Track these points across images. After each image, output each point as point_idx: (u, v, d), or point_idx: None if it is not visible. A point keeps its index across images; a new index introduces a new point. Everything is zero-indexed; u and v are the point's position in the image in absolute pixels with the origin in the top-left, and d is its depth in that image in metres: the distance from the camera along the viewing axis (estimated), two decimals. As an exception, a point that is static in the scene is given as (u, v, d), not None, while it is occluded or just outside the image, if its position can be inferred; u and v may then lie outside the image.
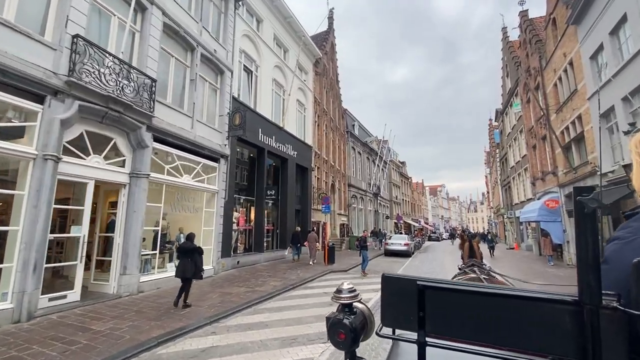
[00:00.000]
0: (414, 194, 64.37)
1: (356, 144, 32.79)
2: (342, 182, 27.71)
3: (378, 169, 39.63)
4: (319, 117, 22.35)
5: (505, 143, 28.60)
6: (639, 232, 0.77)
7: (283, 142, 16.15)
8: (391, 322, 0.90)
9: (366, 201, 34.39)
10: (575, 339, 0.67)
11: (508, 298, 0.75)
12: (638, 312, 0.62)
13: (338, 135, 27.50)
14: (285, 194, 16.34)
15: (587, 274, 0.65)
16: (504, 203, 32.62)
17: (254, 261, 13.18)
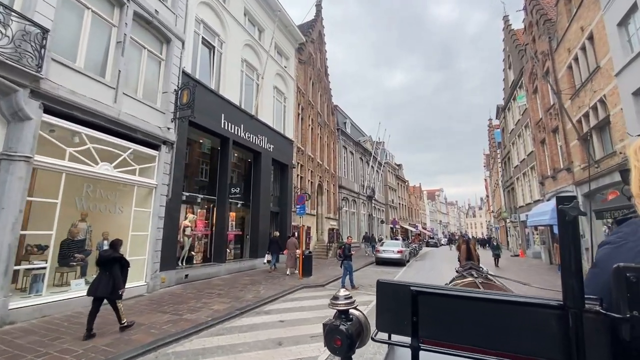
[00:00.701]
0: (411, 198, 62.15)
1: (348, 142, 30.63)
2: (332, 183, 25.45)
3: (372, 170, 37.44)
4: (304, 109, 20.17)
5: (507, 141, 26.49)
6: (628, 237, 0.79)
7: (255, 133, 13.90)
8: (386, 327, 0.91)
9: (359, 204, 32.11)
10: (561, 342, 0.69)
11: (497, 303, 0.77)
12: (619, 315, 0.63)
13: (327, 132, 25.31)
14: (258, 194, 14.03)
15: (570, 278, 0.67)
16: (507, 206, 30.41)
17: (210, 274, 10.80)
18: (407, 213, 57.87)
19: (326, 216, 23.81)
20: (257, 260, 13.49)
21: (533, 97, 18.74)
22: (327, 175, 24.44)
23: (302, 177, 19.26)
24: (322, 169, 23.26)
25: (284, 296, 8.76)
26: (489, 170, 54.47)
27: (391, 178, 50.36)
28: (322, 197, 23.12)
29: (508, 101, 24.92)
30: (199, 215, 11.67)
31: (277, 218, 16.45)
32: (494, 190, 45.88)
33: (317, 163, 22.10)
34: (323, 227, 22.72)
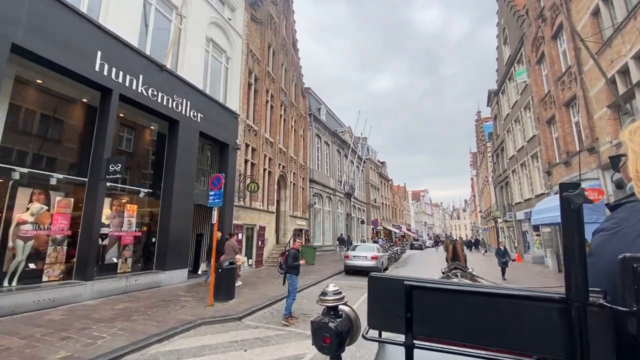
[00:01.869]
0: (395, 197, 58.96)
1: (323, 132, 26.84)
2: (301, 176, 21.54)
3: (352, 165, 33.75)
4: (259, 80, 16.18)
5: (501, 130, 23.30)
6: (623, 223, 0.77)
7: (169, 93, 9.83)
8: (378, 325, 0.87)
9: (335, 202, 28.32)
10: (563, 337, 0.66)
11: (496, 297, 0.73)
12: (624, 309, 0.61)
13: (295, 115, 21.40)
14: (172, 179, 9.93)
15: (574, 271, 0.64)
16: (499, 204, 27.26)
17: (55, 301, 6.61)
18: (391, 214, 54.59)
19: (292, 214, 19.86)
20: (165, 275, 9.35)
21: (537, 68, 15.41)
22: (293, 166, 20.49)
23: (254, 163, 15.24)
24: (286, 157, 19.31)
25: (150, 345, 4.75)
26: (476, 169, 51.90)
27: (373, 175, 46.90)
28: (285, 191, 19.15)
29: (503, 82, 21.70)
30: (59, 205, 7.48)
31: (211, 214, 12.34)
32: (481, 188, 43.08)
33: (278, 149, 18.13)
34: (287, 227, 18.74)
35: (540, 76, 15.30)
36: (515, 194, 21.13)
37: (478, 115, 38.08)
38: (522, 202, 19.46)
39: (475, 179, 53.42)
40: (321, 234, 25.06)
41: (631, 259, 0.61)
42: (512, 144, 21.01)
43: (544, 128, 14.93)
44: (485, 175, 35.36)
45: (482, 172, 40.16)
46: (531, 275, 13.87)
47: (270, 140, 17.14)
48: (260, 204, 15.31)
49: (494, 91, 24.10)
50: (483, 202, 42.26)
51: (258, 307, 7.32)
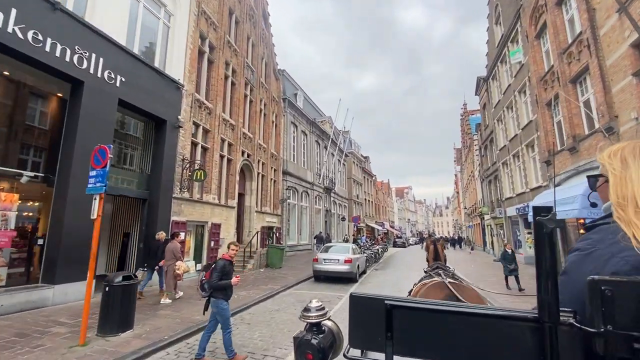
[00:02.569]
0: (378, 194, 57.31)
1: (299, 120, 24.42)
2: (271, 167, 19.08)
3: (332, 158, 31.53)
4: (214, 49, 13.57)
5: (491, 119, 21.58)
6: (598, 244, 0.77)
7: (67, 42, 7.18)
8: (359, 343, 0.88)
9: (313, 197, 26.03)
10: (535, 356, 0.68)
11: (473, 316, 0.75)
12: (592, 330, 0.62)
13: (265, 97, 18.88)
14: (69, 159, 7.29)
15: (546, 292, 0.66)
16: (486, 200, 25.70)
17: None
18: (374, 210, 52.89)
19: (260, 210, 17.41)
20: (54, 290, 6.74)
21: (536, 43, 13.53)
22: (262, 155, 18.01)
23: (207, 148, 12.67)
24: (252, 144, 16.81)
25: None
26: (461, 165, 50.83)
27: (356, 170, 44.91)
28: (251, 183, 16.65)
29: (494, 67, 19.90)
30: None
31: (144, 209, 9.77)
32: (466, 185, 41.85)
33: (242, 134, 15.60)
34: (253, 225, 16.28)
35: (539, 52, 13.43)
36: (506, 189, 19.44)
37: (464, 107, 36.63)
38: (514, 197, 17.75)
39: (460, 175, 52.40)
40: (296, 232, 22.74)
41: (600, 281, 0.63)
42: (503, 133, 19.27)
43: (543, 111, 13.08)
44: (471, 171, 33.96)
45: (467, 167, 38.84)
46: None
47: (230, 123, 14.59)
48: (214, 196, 12.78)
49: (484, 77, 22.35)
50: (467, 198, 41.06)
51: (163, 343, 4.89)
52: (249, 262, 13.16)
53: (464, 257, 22.94)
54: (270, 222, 18.77)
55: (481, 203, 28.58)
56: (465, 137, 37.93)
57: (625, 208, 0.76)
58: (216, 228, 12.65)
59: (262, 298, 8.25)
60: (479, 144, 26.55)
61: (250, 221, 16.29)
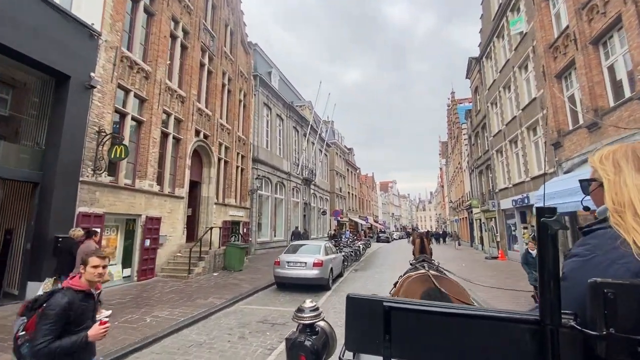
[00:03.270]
0: (362, 187, 55.42)
1: (274, 102, 21.80)
2: (238, 152, 16.46)
3: (312, 147, 29.09)
4: (155, 1, 10.79)
5: (484, 103, 19.67)
6: (596, 250, 0.77)
7: None
8: (355, 346, 0.85)
9: (290, 189, 23.57)
10: (536, 358, 0.67)
11: (474, 318, 0.74)
12: (593, 332, 0.62)
13: (230, 70, 16.17)
14: None
15: (548, 294, 0.65)
16: (476, 192, 23.99)
17: None
18: (358, 204, 50.97)
19: (221, 202, 14.84)
20: None
21: (544, 5, 11.50)
22: (225, 137, 15.38)
23: (142, 121, 9.96)
24: (212, 124, 14.15)
25: None
26: (446, 158, 49.53)
27: (339, 162, 42.67)
28: (210, 170, 14.02)
29: (489, 43, 17.89)
30: None
31: (32, 196, 7.05)
32: (452, 177, 40.42)
33: (196, 110, 12.92)
34: (210, 219, 13.70)
35: (547, 15, 11.38)
36: (500, 179, 17.61)
37: (452, 96, 34.86)
38: (510, 188, 15.90)
39: (445, 168, 51.13)
40: (269, 227, 20.27)
41: (602, 284, 0.62)
42: (498, 117, 17.37)
43: (551, 85, 11.07)
44: (458, 162, 32.34)
45: (453, 159, 37.30)
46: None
47: (179, 94, 11.88)
48: (151, 183, 10.12)
49: (476, 57, 20.36)
50: (453, 192, 39.66)
51: None
52: (198, 265, 10.61)
53: (452, 255, 21.15)
54: (237, 217, 16.23)
55: (469, 196, 26.94)
56: (452, 127, 36.30)
57: (623, 214, 0.76)
58: (154, 223, 10.02)
59: (186, 322, 5.78)
60: (469, 132, 24.75)
61: (207, 215, 13.68)
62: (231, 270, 11.84)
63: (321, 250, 9.33)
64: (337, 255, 10.63)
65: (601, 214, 0.83)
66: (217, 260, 11.84)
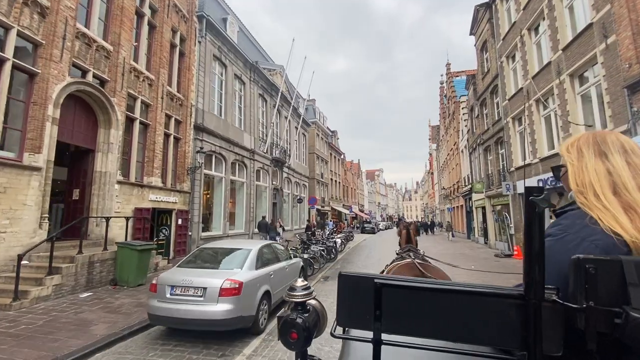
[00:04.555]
0: (347, 174, 51.32)
1: (231, 58, 17.04)
2: (169, 114, 11.73)
3: (285, 122, 24.51)
4: None
5: (496, 59, 15.52)
6: (568, 229, 0.81)
7: None
8: (347, 322, 0.88)
9: (253, 170, 19.06)
10: (520, 331, 0.69)
11: (461, 294, 0.76)
12: (574, 306, 0.65)
13: (158, 3, 11.35)
14: None
15: (533, 271, 0.67)
16: (478, 175, 20.15)
17: None
18: (342, 192, 46.90)
19: (135, 181, 10.27)
20: None
21: None
22: (144, 90, 10.69)
23: None
24: (111, 63, 9.42)
25: None
26: (437, 142, 45.89)
27: (321, 145, 38.23)
28: (109, 132, 9.36)
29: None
30: None
31: None
32: (444, 162, 36.74)
33: (74, 34, 8.16)
34: (109, 205, 9.13)
35: None
36: (517, 154, 13.68)
37: (447, 68, 30.70)
38: (535, 164, 11.96)
39: (435, 153, 47.54)
40: (222, 218, 15.80)
41: (584, 260, 0.66)
42: (517, 73, 13.32)
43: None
44: (453, 143, 28.50)
45: (447, 141, 33.51)
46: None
47: (39, 2, 7.12)
48: None
49: (486, 3, 16.11)
50: (446, 178, 36.04)
51: None
52: (44, 283, 6.10)
53: (450, 249, 17.30)
54: (164, 203, 11.71)
55: (467, 180, 23.17)
56: (446, 105, 32.32)
57: (586, 194, 0.82)
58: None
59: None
60: (471, 103, 20.72)
61: (105, 200, 9.09)
62: (124, 285, 7.41)
63: (248, 259, 4.96)
64: (286, 265, 6.30)
65: (572, 197, 0.88)
66: (100, 270, 7.36)
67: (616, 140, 0.88)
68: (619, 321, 0.63)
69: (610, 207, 0.78)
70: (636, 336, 0.61)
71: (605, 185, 0.81)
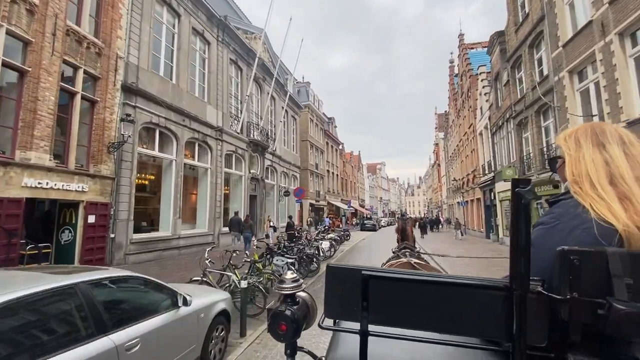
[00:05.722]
0: (346, 166, 47.28)
1: (191, 8, 13.00)
2: (75, 62, 7.66)
3: (268, 100, 20.50)
4: None
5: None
6: (560, 218, 0.82)
7: None
8: (335, 314, 0.88)
9: (220, 153, 15.11)
10: (505, 321, 0.70)
11: (448, 286, 0.77)
12: (559, 297, 0.66)
13: None
14: None
15: (518, 263, 0.67)
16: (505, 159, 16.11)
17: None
18: (340, 185, 42.90)
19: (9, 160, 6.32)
20: None
21: None
22: (14, 16, 6.72)
23: None
24: None
25: None
26: (445, 130, 41.73)
27: (316, 132, 34.16)
28: None
29: None
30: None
31: None
32: (455, 150, 32.63)
33: None
34: None
35: None
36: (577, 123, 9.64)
37: (460, 40, 26.44)
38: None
39: (443, 142, 43.38)
40: (170, 214, 11.90)
41: (569, 251, 0.66)
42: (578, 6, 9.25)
43: None
44: (469, 126, 24.35)
45: (460, 125, 29.37)
46: None
47: None
48: None
49: None
50: (457, 168, 31.96)
51: None
52: None
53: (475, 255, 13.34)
54: (59, 192, 7.84)
55: (487, 168, 19.15)
56: (459, 83, 28.12)
57: (581, 184, 0.82)
58: None
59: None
60: (496, 69, 16.58)
61: None
62: None
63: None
64: (170, 319, 2.45)
65: (567, 187, 0.88)
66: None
67: (614, 131, 0.88)
68: (602, 312, 0.62)
69: (605, 196, 0.77)
70: (619, 327, 0.61)
71: (602, 175, 0.81)
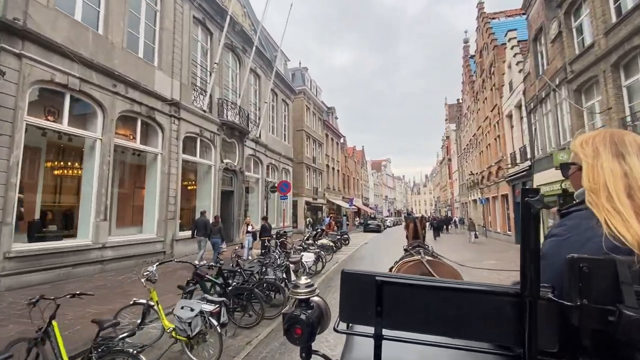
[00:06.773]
0: (348, 162, 43.57)
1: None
2: None
3: (249, 75, 16.94)
4: None
5: None
6: (572, 230, 0.81)
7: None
8: (349, 318, 0.90)
9: (175, 135, 11.56)
10: (516, 327, 0.71)
11: (460, 291, 0.78)
12: (569, 303, 0.67)
13: None
14: None
15: (529, 269, 0.68)
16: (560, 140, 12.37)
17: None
18: (341, 182, 39.22)
19: None
20: None
21: None
22: None
23: None
24: None
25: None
26: (457, 121, 37.80)
27: (313, 122, 30.49)
28: None
29: None
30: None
31: None
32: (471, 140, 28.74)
33: None
34: None
35: None
36: None
37: (479, 8, 22.54)
38: None
39: (455, 134, 39.42)
40: (92, 214, 8.39)
41: (578, 259, 0.68)
42: None
43: None
44: (492, 108, 20.53)
45: (479, 110, 25.52)
46: None
47: None
48: None
49: None
50: (474, 161, 28.10)
51: None
52: None
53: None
54: None
55: (518, 156, 15.38)
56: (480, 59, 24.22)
57: (598, 193, 0.80)
58: None
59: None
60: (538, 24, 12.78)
61: None
62: None
63: None
64: None
65: (579, 196, 0.88)
66: None
67: (634, 141, 0.85)
68: (612, 319, 0.64)
69: (622, 209, 0.76)
70: (630, 333, 0.62)
71: (620, 188, 0.79)
